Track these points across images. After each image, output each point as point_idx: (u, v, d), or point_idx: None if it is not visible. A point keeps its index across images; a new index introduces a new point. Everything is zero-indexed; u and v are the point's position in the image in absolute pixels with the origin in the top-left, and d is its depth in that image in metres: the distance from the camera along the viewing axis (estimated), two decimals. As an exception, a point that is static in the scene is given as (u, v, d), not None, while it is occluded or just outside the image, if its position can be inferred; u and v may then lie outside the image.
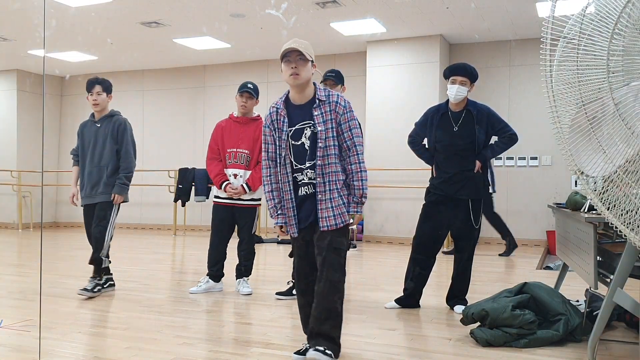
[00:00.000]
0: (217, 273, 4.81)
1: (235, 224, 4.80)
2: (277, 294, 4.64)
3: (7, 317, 3.89)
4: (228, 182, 4.67)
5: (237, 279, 4.84)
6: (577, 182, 5.95)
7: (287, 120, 2.96)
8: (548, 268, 6.69)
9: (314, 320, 2.90)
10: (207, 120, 11.05)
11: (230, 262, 4.91)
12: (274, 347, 3.23)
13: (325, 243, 2.90)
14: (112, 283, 4.85)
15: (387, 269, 6.29)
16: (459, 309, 4.00)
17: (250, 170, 4.67)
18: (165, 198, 11.08)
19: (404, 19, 8.07)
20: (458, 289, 4.25)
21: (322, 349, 2.83)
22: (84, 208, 4.73)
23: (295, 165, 2.96)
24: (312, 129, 2.92)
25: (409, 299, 4.27)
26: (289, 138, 2.96)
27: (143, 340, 3.33)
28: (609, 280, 2.89)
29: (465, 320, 3.48)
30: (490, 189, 7.44)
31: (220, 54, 10.26)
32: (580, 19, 2.39)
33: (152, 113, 11.61)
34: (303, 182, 2.96)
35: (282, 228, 3.05)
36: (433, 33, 8.79)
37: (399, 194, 8.95)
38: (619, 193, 2.36)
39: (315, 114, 2.90)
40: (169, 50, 10.00)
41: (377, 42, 9.17)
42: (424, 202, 4.30)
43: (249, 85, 4.70)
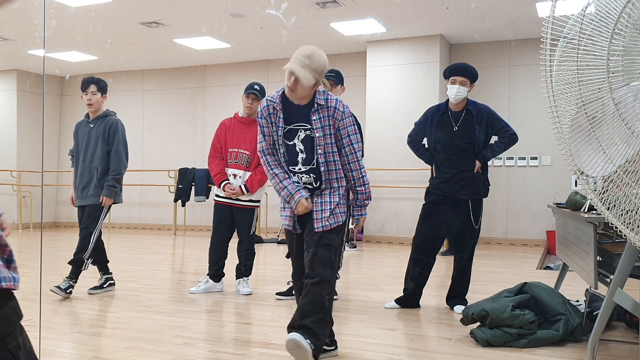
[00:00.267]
0: (217, 273, 4.81)
1: (235, 224, 4.81)
2: (277, 294, 4.64)
3: (7, 317, 3.88)
4: (227, 181, 4.67)
5: (237, 279, 4.85)
6: (577, 182, 5.95)
7: (282, 117, 2.86)
8: (548, 268, 6.70)
9: (297, 313, 2.72)
10: (207, 120, 11.05)
11: (230, 262, 4.91)
12: (274, 347, 3.22)
13: (315, 238, 2.81)
14: (112, 282, 4.85)
15: (387, 269, 6.29)
16: (459, 309, 4.00)
17: (250, 172, 4.67)
18: (165, 198, 11.09)
19: (404, 19, 8.07)
20: (458, 289, 4.25)
21: (302, 335, 2.63)
22: (78, 209, 4.72)
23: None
24: (306, 132, 2.85)
25: (409, 299, 4.27)
26: (285, 137, 2.89)
27: (143, 340, 3.33)
28: (609, 280, 2.89)
29: (465, 320, 3.48)
30: None
31: (220, 54, 10.26)
32: (580, 19, 2.39)
33: (152, 113, 11.60)
34: (297, 183, 2.90)
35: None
36: (433, 33, 8.79)
37: (399, 194, 8.95)
38: (619, 193, 2.36)
39: (314, 119, 2.81)
40: (169, 50, 10.00)
41: (377, 42, 9.17)
42: (424, 202, 4.30)
43: (256, 87, 4.68)
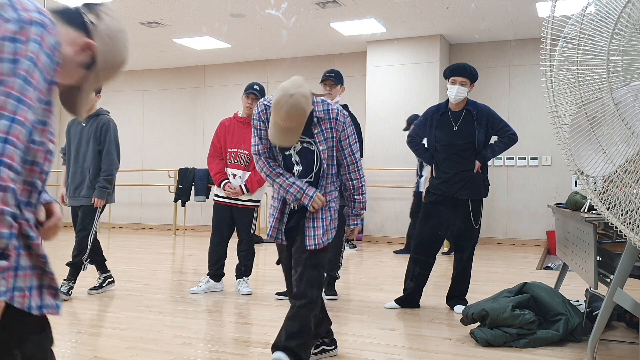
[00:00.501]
0: (217, 272, 4.81)
1: (234, 224, 4.81)
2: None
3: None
4: (227, 181, 4.67)
5: (237, 279, 4.84)
6: (577, 182, 5.95)
7: None
8: (548, 268, 6.70)
9: (283, 332, 2.67)
10: (207, 120, 11.05)
11: (230, 262, 4.91)
12: (274, 347, 3.22)
13: (305, 257, 2.71)
14: (111, 280, 4.83)
15: (387, 269, 6.29)
16: (459, 309, 4.00)
17: (250, 172, 4.67)
18: (165, 198, 11.09)
19: (404, 19, 8.07)
20: (458, 289, 4.25)
21: (287, 355, 2.61)
22: (71, 209, 4.69)
23: None
24: (303, 144, 2.72)
25: (409, 299, 4.27)
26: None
27: (143, 340, 3.33)
28: (609, 280, 2.89)
29: (465, 320, 3.48)
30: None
31: (220, 54, 10.26)
32: (580, 19, 2.39)
33: (152, 113, 11.60)
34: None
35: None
36: (433, 33, 8.79)
37: (399, 194, 8.95)
38: (619, 193, 2.36)
39: (315, 132, 2.69)
40: (169, 50, 10.00)
41: (377, 42, 9.17)
42: (424, 202, 4.30)
43: (256, 87, 4.67)
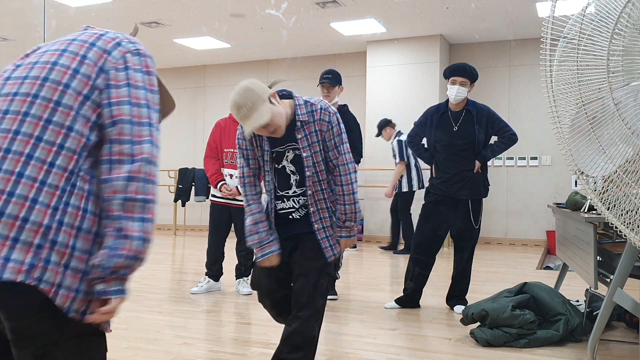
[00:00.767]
0: (216, 273, 4.81)
1: (232, 224, 4.80)
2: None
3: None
4: (224, 182, 4.67)
5: (236, 279, 4.84)
6: (577, 182, 5.95)
7: (267, 139, 2.52)
8: (548, 268, 6.70)
9: (286, 345, 2.53)
10: (207, 120, 11.05)
11: (230, 262, 4.91)
12: (274, 347, 3.20)
13: (319, 264, 2.54)
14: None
15: (387, 269, 6.29)
16: (459, 309, 4.00)
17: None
18: (165, 198, 11.08)
19: (404, 19, 8.07)
20: (458, 289, 4.25)
21: None
22: None
23: (278, 192, 2.58)
24: (295, 152, 2.53)
25: (409, 299, 4.27)
26: (272, 160, 2.57)
27: (143, 340, 3.33)
28: (609, 280, 2.89)
29: (465, 320, 3.48)
30: (415, 186, 7.46)
31: (220, 54, 10.25)
32: (580, 19, 2.39)
33: (152, 113, 11.58)
34: (292, 208, 2.57)
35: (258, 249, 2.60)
36: (433, 33, 8.79)
37: (399, 194, 8.93)
38: (619, 193, 2.36)
39: (299, 137, 2.48)
40: (169, 50, 10.00)
41: (377, 42, 9.17)
42: (424, 202, 4.30)
43: None
